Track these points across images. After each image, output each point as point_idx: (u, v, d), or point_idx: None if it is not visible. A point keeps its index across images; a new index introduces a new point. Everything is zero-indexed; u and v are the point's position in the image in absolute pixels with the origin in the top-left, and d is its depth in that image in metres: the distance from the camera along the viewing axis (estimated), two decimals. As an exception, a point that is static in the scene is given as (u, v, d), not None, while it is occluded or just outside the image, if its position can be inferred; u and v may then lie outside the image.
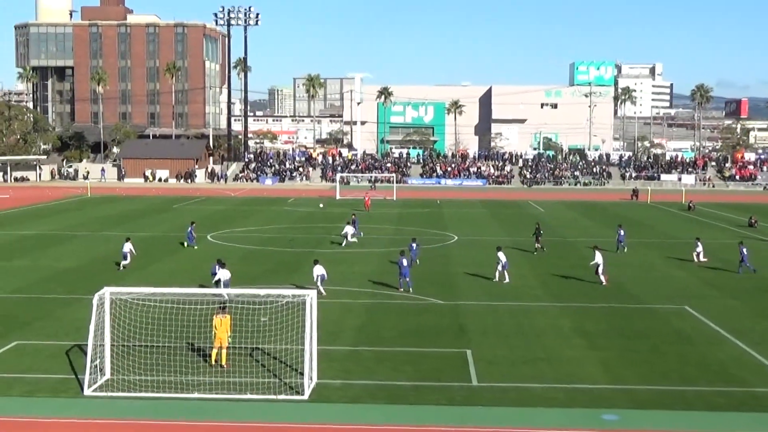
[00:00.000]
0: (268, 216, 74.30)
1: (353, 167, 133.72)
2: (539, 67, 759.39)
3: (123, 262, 43.87)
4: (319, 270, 37.03)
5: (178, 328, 28.52)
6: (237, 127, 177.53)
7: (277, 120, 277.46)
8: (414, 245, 45.98)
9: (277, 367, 25.72)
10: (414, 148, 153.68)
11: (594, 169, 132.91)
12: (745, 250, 44.85)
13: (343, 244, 53.29)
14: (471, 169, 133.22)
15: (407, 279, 38.37)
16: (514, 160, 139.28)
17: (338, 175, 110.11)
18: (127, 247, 44.36)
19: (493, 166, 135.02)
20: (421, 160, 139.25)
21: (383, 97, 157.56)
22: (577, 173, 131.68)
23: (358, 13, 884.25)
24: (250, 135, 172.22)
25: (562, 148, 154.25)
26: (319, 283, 36.61)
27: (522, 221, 70.17)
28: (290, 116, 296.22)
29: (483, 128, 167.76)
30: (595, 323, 32.19)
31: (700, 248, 47.92)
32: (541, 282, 41.10)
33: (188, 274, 42.43)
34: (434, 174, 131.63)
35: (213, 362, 25.78)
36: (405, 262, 38.55)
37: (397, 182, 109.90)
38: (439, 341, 29.19)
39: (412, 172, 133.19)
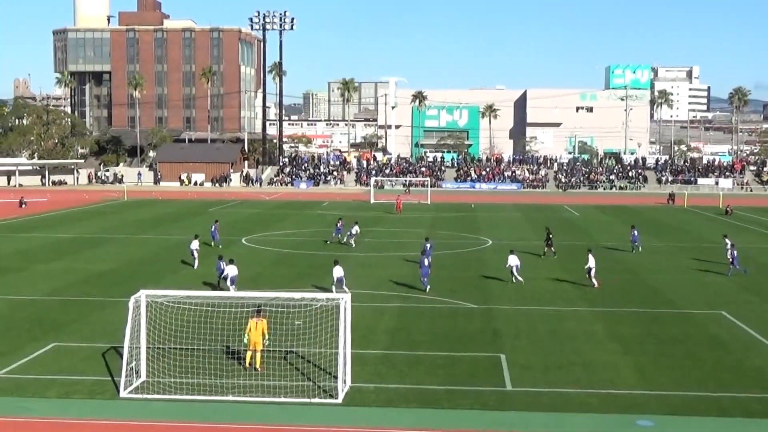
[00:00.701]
0: (302, 220, 74.54)
1: (387, 171, 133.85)
2: (574, 71, 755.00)
3: (194, 258, 45.52)
4: (338, 272, 37.00)
5: (213, 330, 28.71)
6: (272, 131, 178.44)
7: (311, 124, 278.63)
8: (428, 245, 45.89)
9: (311, 370, 25.80)
10: (448, 151, 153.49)
11: (630, 173, 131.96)
12: (735, 252, 45.29)
13: (353, 245, 54.58)
14: (506, 173, 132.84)
15: (425, 278, 39.02)
16: (548, 164, 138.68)
17: (372, 179, 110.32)
18: (195, 244, 46.21)
19: (527, 170, 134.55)
20: (456, 164, 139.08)
21: (417, 101, 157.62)
22: (612, 177, 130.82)
23: (393, 17, 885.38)
24: (284, 139, 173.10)
25: (598, 152, 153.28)
26: (335, 285, 36.64)
27: (557, 225, 69.82)
28: (325, 120, 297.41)
29: (518, 132, 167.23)
30: (629, 328, 31.97)
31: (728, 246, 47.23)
32: (574, 286, 40.89)
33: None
34: (468, 178, 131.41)
35: (247, 365, 25.96)
36: (426, 262, 39.29)
37: (431, 186, 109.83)
38: (473, 345, 29.13)
39: (447, 176, 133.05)
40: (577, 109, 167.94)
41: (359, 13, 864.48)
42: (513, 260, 41.43)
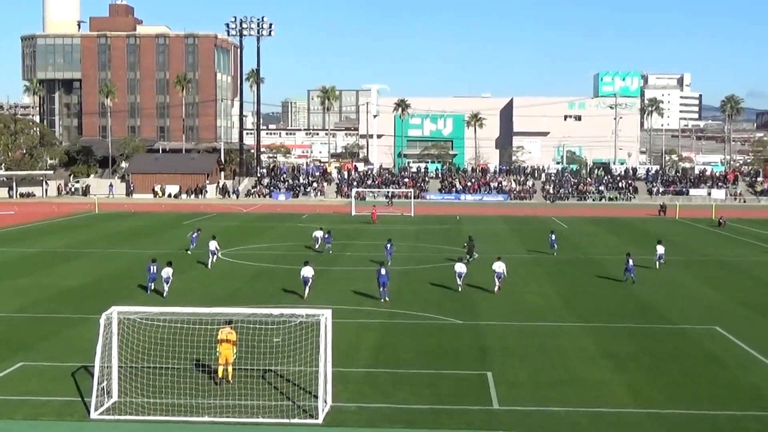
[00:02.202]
0: (281, 233, 74.37)
1: (369, 182, 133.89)
2: (562, 78, 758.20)
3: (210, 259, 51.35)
4: (307, 272, 40.33)
5: (188, 348, 28.52)
6: (249, 140, 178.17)
7: (290, 133, 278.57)
8: (389, 245, 52.92)
9: (290, 389, 25.66)
10: (432, 162, 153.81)
11: (620, 184, 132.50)
12: (631, 261, 46.90)
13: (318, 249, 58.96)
14: (492, 184, 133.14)
15: (384, 289, 39.84)
16: (536, 175, 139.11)
17: (353, 191, 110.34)
18: (213, 244, 51.90)
19: (514, 180, 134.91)
20: (440, 175, 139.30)
21: (400, 109, 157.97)
22: (602, 188, 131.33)
23: (374, 24, 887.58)
24: (262, 149, 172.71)
25: (587, 162, 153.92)
26: (305, 286, 39.94)
27: (544, 238, 69.95)
28: (304, 129, 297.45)
29: (504, 141, 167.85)
30: (621, 344, 31.99)
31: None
32: (564, 301, 40.94)
33: (198, 293, 42.48)
34: (453, 189, 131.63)
35: (219, 377, 26.07)
36: (383, 271, 40.15)
37: (414, 198, 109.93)
38: (459, 363, 29.07)
39: (431, 187, 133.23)
40: (565, 117, 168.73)
41: (340, 19, 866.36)
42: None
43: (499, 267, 43.34)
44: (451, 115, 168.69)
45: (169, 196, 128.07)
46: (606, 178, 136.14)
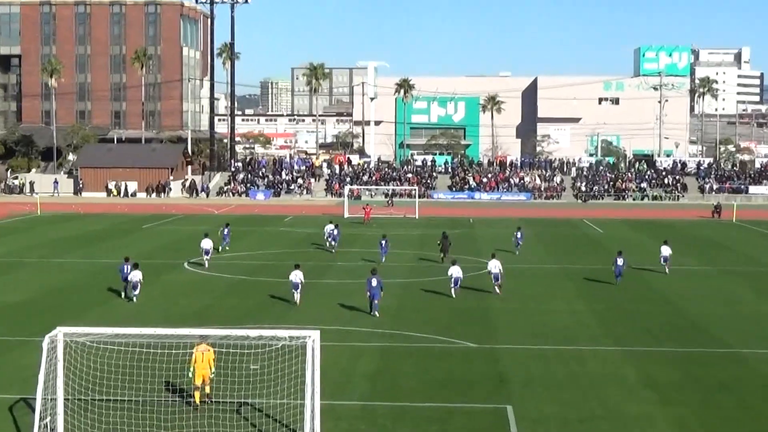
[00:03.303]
0: (260, 238, 74.35)
1: (365, 178, 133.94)
2: (596, 54, 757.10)
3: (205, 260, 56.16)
4: (296, 276, 42.78)
5: (148, 377, 28.53)
6: (222, 128, 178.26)
7: (271, 120, 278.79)
8: (383, 242, 58.66)
9: (270, 426, 25.69)
10: (441, 153, 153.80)
11: (665, 180, 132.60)
12: (621, 260, 50.23)
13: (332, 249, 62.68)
14: (512, 180, 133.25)
15: (376, 301, 40.84)
16: (565, 169, 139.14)
17: (347, 188, 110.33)
18: (207, 243, 57.16)
19: (539, 176, 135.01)
20: (450, 169, 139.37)
21: (402, 91, 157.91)
22: (644, 185, 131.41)
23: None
24: (238, 138, 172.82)
25: (625, 154, 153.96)
26: (294, 291, 42.82)
27: (576, 245, 70.07)
28: (287, 115, 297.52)
29: (527, 129, 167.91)
30: (666, 372, 32.04)
31: None
32: (598, 320, 40.98)
33: (161, 310, 42.55)
34: (466, 186, 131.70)
35: (198, 403, 26.44)
36: (374, 282, 40.75)
37: (419, 197, 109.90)
38: (472, 394, 29.11)
39: (439, 184, 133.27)
40: (600, 100, 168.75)
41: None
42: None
43: (495, 267, 44.75)
44: (464, 97, 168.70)
45: (126, 194, 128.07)
46: (649, 173, 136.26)
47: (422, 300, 45.79)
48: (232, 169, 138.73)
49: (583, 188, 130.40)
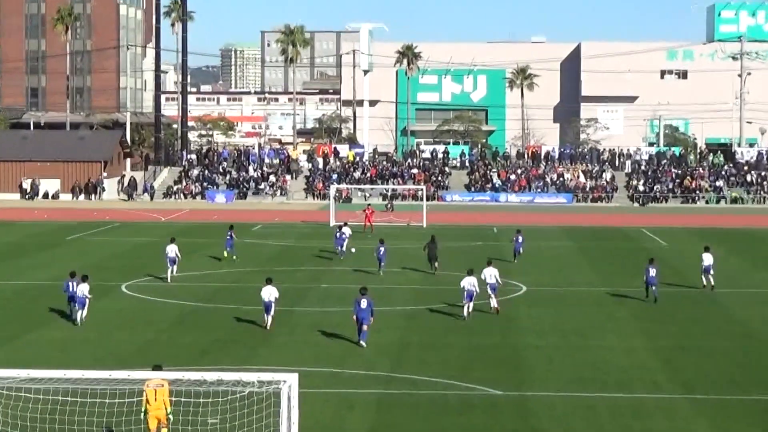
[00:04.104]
0: (219, 253, 74.24)
1: (358, 174, 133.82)
2: (657, 14, 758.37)
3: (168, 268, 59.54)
4: (269, 293, 44.52)
5: (75, 434, 28.42)
6: (170, 110, 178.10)
7: (235, 99, 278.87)
8: (381, 249, 62.30)
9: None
10: (456, 143, 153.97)
11: (748, 177, 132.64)
12: (653, 270, 52.88)
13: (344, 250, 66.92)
14: (548, 178, 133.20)
15: (364, 326, 41.85)
16: (617, 163, 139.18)
17: (333, 188, 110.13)
18: (172, 249, 59.47)
19: (583, 172, 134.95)
20: (468, 163, 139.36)
21: (406, 61, 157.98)
22: (719, 183, 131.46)
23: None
24: (191, 123, 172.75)
25: (696, 143, 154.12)
26: (266, 313, 44.87)
27: (632, 261, 69.89)
28: (256, 93, 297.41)
29: (567, 111, 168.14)
30: (751, 429, 31.94)
31: None
32: (662, 360, 40.83)
33: (92, 346, 42.41)
34: (488, 186, 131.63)
35: None
36: (363, 303, 41.54)
37: (428, 199, 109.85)
38: (498, 457, 29.01)
39: (453, 183, 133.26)
40: (663, 74, 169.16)
41: None
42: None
43: (491, 275, 46.40)
44: (485, 70, 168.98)
45: (45, 196, 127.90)
46: (726, 168, 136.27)
47: (432, 333, 45.69)
48: (184, 163, 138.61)
49: (641, 188, 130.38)
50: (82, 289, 45.76)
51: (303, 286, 58.72)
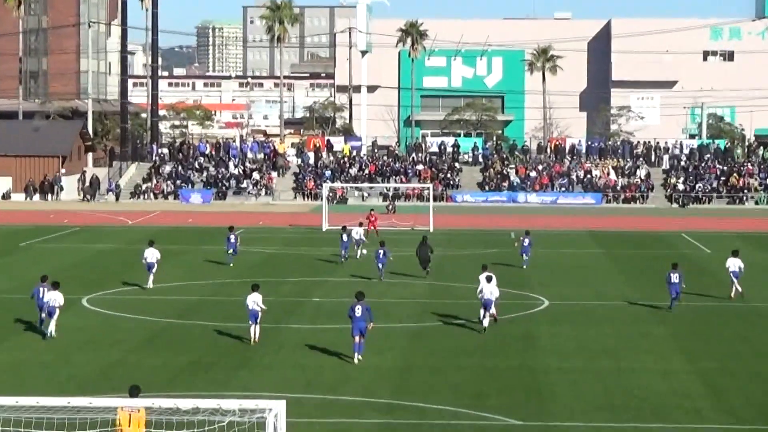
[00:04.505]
0: (195, 263, 74.30)
1: (354, 171, 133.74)
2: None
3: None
4: (253, 300, 45.46)
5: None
6: (139, 97, 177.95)
7: (213, 84, 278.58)
8: (381, 253, 64.19)
9: None
10: (467, 135, 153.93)
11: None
12: (675, 276, 54.14)
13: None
14: (574, 175, 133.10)
15: (361, 339, 42.41)
16: (653, 158, 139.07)
17: (326, 187, 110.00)
18: (152, 254, 60.90)
19: (614, 168, 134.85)
20: (481, 158, 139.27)
21: (410, 41, 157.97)
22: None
23: None
24: (163, 112, 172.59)
25: (744, 135, 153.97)
26: (252, 323, 45.61)
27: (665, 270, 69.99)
28: (238, 78, 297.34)
29: (596, 98, 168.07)
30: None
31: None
32: (706, 385, 40.80)
33: (48, 368, 42.35)
34: (505, 183, 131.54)
35: None
36: (359, 311, 41.91)
37: (435, 199, 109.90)
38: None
39: (465, 181, 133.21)
40: (706, 55, 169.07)
41: None
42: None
43: (489, 288, 47.23)
44: (501, 51, 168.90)
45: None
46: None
47: (440, 354, 45.63)
48: (155, 159, 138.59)
49: (681, 186, 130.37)
50: (53, 298, 46.40)
51: (291, 300, 58.66)
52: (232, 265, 70.83)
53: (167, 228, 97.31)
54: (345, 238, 72.23)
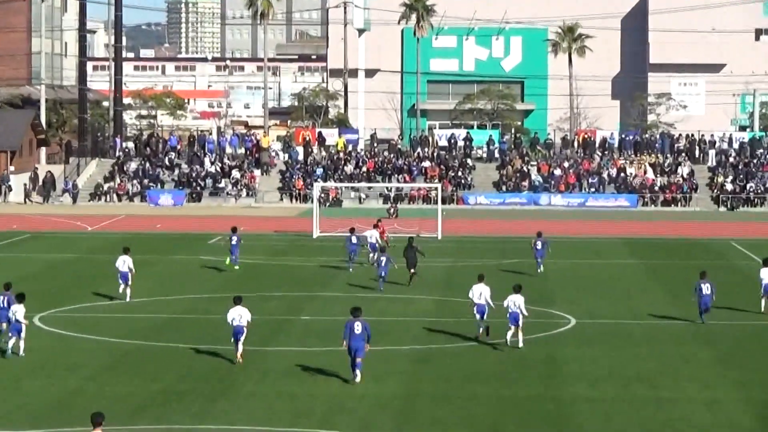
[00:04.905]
0: (165, 275, 74.33)
1: (350, 169, 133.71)
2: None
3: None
4: (238, 314, 46.42)
5: None
6: (100, 83, 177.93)
7: (186, 68, 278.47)
8: (383, 260, 65.94)
9: None
10: (482, 126, 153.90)
11: None
12: (706, 287, 55.59)
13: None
14: (605, 173, 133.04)
15: (358, 359, 43.17)
16: (698, 154, 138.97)
17: (317, 186, 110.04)
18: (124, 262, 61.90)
19: (651, 165, 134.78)
20: (498, 154, 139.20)
21: (415, 17, 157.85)
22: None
23: None
24: (128, 101, 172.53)
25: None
26: (237, 341, 46.50)
27: (718, 285, 69.97)
28: (215, 60, 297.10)
29: (630, 84, 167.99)
30: None
31: None
32: (755, 416, 40.75)
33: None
34: (524, 183, 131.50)
35: None
36: (358, 328, 42.56)
37: (444, 201, 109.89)
38: None
39: (478, 180, 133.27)
40: (758, 34, 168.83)
41: None
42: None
43: (479, 294, 48.90)
44: (521, 29, 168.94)
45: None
46: None
47: (449, 382, 45.53)
48: (119, 154, 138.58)
49: (729, 186, 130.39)
50: (16, 312, 46.82)
51: (277, 318, 58.62)
52: (237, 267, 73.97)
53: (133, 235, 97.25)
54: (354, 240, 73.79)
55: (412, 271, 67.46)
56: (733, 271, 77.60)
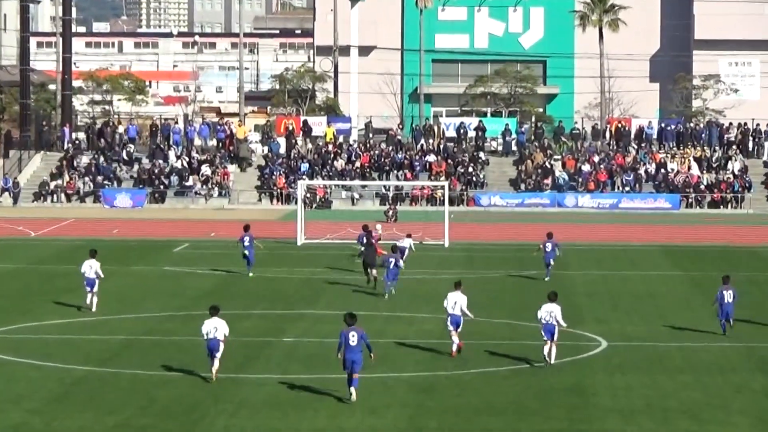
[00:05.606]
0: (124, 289, 74.47)
1: (340, 165, 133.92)
2: None
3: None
4: (213, 327, 47.59)
5: None
6: (45, 63, 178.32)
7: (147, 45, 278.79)
8: (392, 259, 67.55)
9: None
10: (496, 114, 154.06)
11: None
12: (729, 294, 56.84)
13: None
14: (641, 170, 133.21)
15: (355, 375, 44.03)
16: (752, 146, 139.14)
17: (301, 185, 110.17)
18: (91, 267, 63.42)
19: (697, 160, 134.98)
20: (516, 147, 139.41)
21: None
22: None
23: None
24: (79, 83, 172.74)
25: None
26: (212, 357, 47.41)
27: (758, 300, 70.37)
28: (181, 36, 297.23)
29: (672, 64, 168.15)
30: None
31: None
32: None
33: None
34: (548, 182, 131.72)
35: None
36: (353, 339, 43.26)
37: (453, 202, 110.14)
38: None
39: (492, 178, 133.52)
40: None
41: None
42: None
43: (454, 303, 50.71)
44: (541, 0, 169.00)
45: None
46: None
47: (458, 413, 45.59)
48: (67, 146, 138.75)
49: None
50: None
51: (256, 340, 58.69)
52: (251, 275, 75.40)
53: (85, 242, 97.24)
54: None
55: (374, 273, 69.36)
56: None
